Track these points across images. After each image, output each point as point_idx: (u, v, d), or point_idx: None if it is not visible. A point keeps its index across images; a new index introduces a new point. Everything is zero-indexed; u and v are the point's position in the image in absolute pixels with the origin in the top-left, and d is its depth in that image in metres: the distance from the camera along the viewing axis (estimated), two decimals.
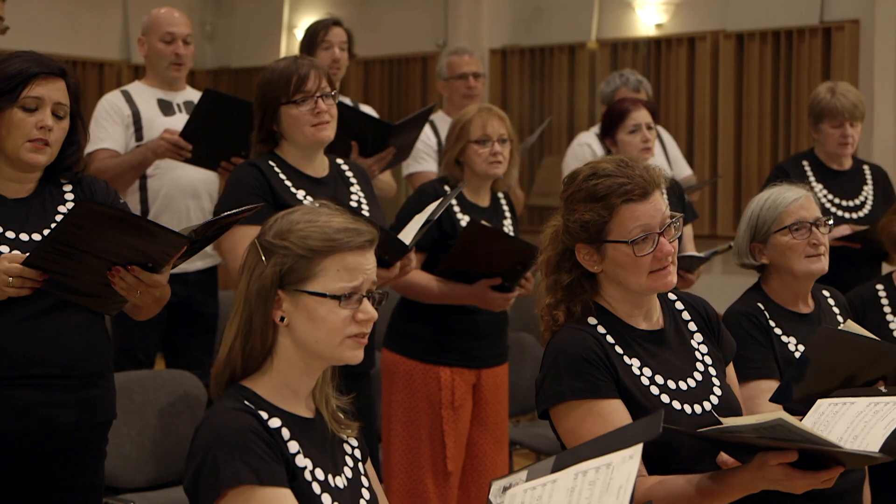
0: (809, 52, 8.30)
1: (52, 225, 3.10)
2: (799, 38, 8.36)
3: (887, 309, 3.81)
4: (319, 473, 2.25)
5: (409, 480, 4.46)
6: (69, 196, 3.19)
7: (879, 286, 3.85)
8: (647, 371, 2.65)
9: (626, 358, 2.64)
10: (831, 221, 3.40)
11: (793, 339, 3.33)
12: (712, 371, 2.74)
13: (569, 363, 2.59)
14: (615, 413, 2.56)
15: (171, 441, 4.15)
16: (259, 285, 2.25)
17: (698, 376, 2.71)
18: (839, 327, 3.12)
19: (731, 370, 2.85)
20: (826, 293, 3.50)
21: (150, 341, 4.98)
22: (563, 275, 2.70)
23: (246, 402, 2.23)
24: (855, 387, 2.91)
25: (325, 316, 2.24)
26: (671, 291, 2.81)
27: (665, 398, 2.64)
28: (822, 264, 3.34)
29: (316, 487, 2.23)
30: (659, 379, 2.66)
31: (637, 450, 2.10)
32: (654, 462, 2.55)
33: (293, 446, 2.23)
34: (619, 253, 2.61)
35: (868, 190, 5.36)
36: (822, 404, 2.54)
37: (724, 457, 2.54)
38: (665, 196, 2.71)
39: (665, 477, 2.52)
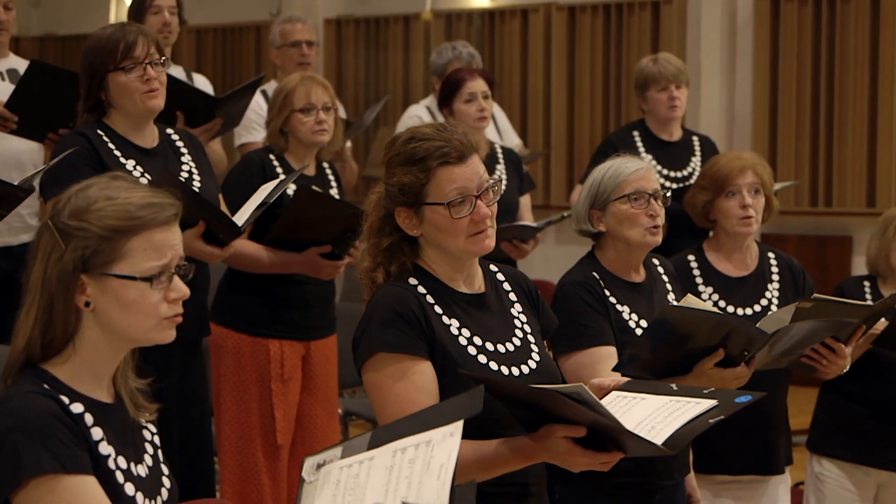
0: (639, 25, 8.46)
1: None
2: (629, 11, 8.51)
3: (699, 280, 3.91)
4: (122, 462, 2.15)
5: (240, 454, 4.41)
6: None
7: (691, 256, 3.95)
8: (465, 332, 2.67)
9: (444, 318, 2.66)
10: (669, 194, 3.46)
11: (626, 308, 3.39)
12: (531, 339, 2.77)
13: (382, 316, 2.61)
14: (422, 374, 2.58)
15: None
16: (60, 270, 2.11)
17: (517, 341, 2.74)
18: (681, 302, 3.19)
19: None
20: (656, 262, 3.57)
21: None
22: (382, 238, 2.71)
23: (45, 386, 2.11)
24: (668, 369, 3.01)
25: (137, 299, 2.12)
26: (493, 263, 2.85)
27: (482, 359, 2.65)
28: (658, 238, 3.41)
29: (119, 476, 2.13)
30: (477, 340, 2.67)
31: (458, 426, 2.06)
32: (468, 426, 2.57)
33: (97, 433, 2.12)
34: (436, 215, 2.63)
35: (696, 161, 5.47)
36: (612, 395, 2.56)
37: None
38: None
39: (464, 441, 2.54)
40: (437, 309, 2.66)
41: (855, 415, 4.31)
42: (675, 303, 3.41)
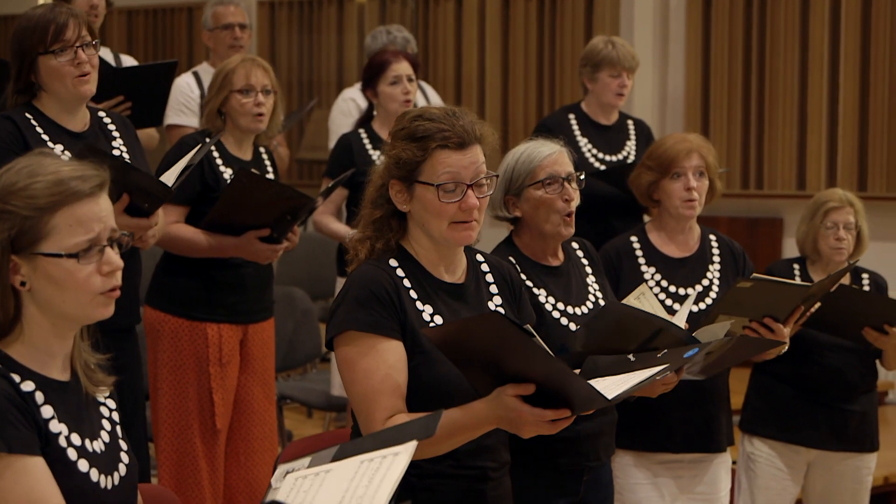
0: (573, 9, 8.48)
1: None
2: None
3: (641, 260, 3.94)
4: (76, 439, 2.17)
5: (177, 439, 4.38)
6: None
7: (634, 238, 3.98)
8: (438, 319, 2.71)
9: (418, 304, 2.71)
10: (583, 177, 3.47)
11: (543, 292, 3.41)
12: None
13: (357, 295, 2.66)
14: (393, 353, 2.63)
15: None
16: None
17: None
18: (625, 301, 3.22)
19: None
20: (575, 245, 3.58)
21: None
22: (375, 210, 2.77)
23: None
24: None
25: (66, 276, 2.13)
26: (479, 253, 2.90)
27: None
28: (571, 229, 3.43)
29: (72, 453, 2.15)
30: None
31: (410, 447, 2.11)
32: (429, 405, 2.61)
33: (47, 411, 2.14)
34: (426, 194, 2.69)
35: (631, 145, 5.50)
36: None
37: None
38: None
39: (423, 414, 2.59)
40: (413, 294, 2.70)
41: (784, 395, 4.38)
42: (626, 301, 3.43)
